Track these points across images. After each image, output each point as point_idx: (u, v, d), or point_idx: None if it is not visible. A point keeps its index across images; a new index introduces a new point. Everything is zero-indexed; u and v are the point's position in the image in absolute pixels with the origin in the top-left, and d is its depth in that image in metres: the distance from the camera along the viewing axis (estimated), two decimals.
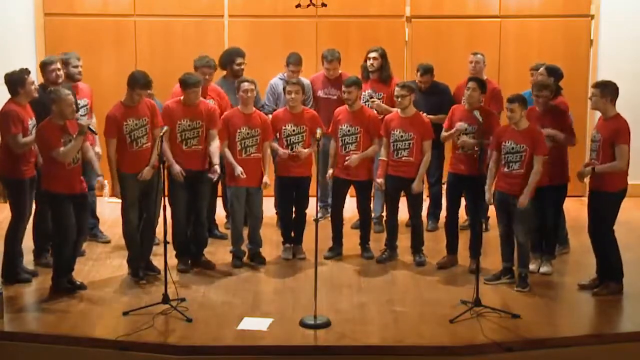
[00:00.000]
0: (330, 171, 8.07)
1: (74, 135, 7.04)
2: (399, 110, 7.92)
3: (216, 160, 7.66)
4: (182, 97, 7.71)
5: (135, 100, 7.38)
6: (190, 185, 7.70)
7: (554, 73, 7.92)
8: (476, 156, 7.38)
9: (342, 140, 7.99)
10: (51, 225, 7.30)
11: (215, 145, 7.69)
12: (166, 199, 7.33)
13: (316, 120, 8.02)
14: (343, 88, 8.07)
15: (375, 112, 8.38)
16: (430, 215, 9.05)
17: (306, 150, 7.97)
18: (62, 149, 6.96)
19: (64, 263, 7.18)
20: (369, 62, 8.77)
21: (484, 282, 7.29)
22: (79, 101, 7.95)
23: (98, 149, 7.98)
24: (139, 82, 7.33)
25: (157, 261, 7.61)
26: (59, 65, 7.84)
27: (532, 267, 7.60)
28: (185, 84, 7.62)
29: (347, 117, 8.01)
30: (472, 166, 7.51)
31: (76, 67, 8.22)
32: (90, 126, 7.13)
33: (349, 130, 7.99)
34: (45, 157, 7.07)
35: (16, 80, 7.27)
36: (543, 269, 7.70)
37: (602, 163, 7.05)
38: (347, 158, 7.93)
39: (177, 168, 7.57)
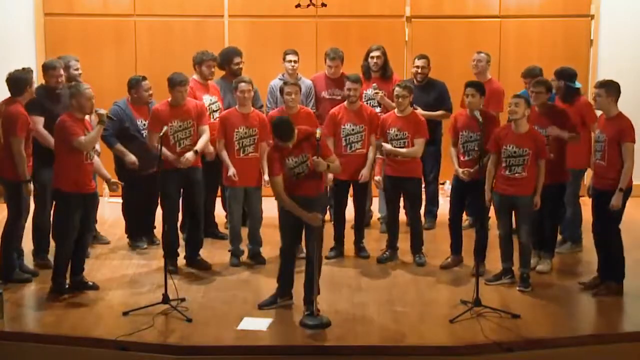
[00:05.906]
0: (330, 176, 7.86)
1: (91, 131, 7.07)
2: (395, 110, 7.93)
3: (198, 147, 7.66)
4: (169, 99, 7.68)
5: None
6: (185, 185, 7.68)
7: (562, 75, 7.94)
8: (476, 156, 7.40)
9: (345, 140, 7.98)
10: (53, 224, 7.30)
11: (203, 139, 7.71)
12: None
13: (312, 119, 7.98)
14: (348, 84, 7.98)
15: (376, 108, 8.39)
16: (427, 214, 9.04)
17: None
18: (83, 137, 6.92)
19: (64, 263, 7.16)
20: (372, 62, 8.75)
21: (485, 283, 7.28)
22: None
23: (98, 146, 7.86)
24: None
25: (157, 261, 7.62)
26: (61, 72, 7.74)
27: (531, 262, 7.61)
28: (172, 82, 7.58)
29: (350, 116, 7.99)
30: (475, 169, 7.52)
31: (77, 69, 8.21)
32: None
33: (352, 129, 7.97)
34: (61, 152, 6.98)
35: (24, 80, 7.22)
36: (540, 267, 7.69)
37: (608, 162, 7.03)
38: (360, 175, 7.92)
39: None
